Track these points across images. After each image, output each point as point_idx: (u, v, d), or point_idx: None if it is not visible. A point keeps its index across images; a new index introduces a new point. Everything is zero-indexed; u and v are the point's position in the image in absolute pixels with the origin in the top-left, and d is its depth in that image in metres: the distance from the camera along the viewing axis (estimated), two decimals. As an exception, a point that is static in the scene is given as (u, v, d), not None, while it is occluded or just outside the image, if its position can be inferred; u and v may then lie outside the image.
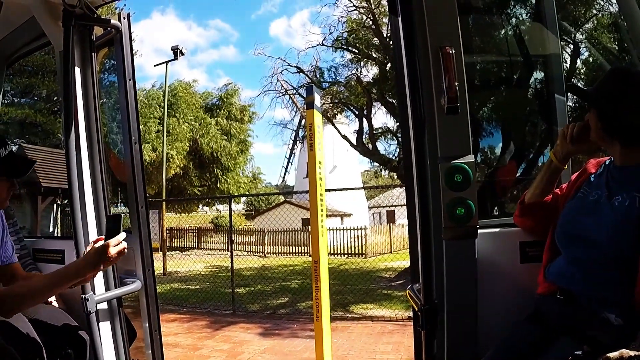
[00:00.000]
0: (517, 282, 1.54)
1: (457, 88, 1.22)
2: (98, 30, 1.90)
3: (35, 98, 12.90)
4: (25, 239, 2.25)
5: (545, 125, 2.22)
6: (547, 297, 1.36)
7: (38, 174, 10.18)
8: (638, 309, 1.16)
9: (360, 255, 15.54)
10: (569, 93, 2.03)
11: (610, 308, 1.19)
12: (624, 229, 1.20)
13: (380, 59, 10.45)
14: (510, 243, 1.57)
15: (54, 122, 11.91)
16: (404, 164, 1.65)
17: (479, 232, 1.30)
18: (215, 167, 20.83)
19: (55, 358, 1.67)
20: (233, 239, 8.87)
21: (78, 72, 1.85)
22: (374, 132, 11.44)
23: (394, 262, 12.24)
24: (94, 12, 1.79)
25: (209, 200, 23.75)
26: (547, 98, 1.98)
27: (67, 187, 1.74)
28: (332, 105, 12.01)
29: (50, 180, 10.50)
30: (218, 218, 25.30)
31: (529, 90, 2.39)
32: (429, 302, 1.35)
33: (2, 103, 2.57)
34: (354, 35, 11.03)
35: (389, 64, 9.85)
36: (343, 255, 15.80)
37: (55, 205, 11.89)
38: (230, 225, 8.42)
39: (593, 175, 1.40)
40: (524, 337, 1.32)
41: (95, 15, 1.80)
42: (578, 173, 1.47)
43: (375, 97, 10.70)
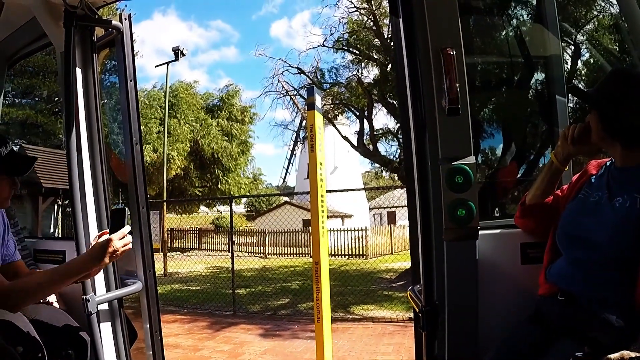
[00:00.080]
0: (518, 283, 1.54)
1: (458, 89, 1.22)
2: (99, 31, 1.90)
3: (36, 99, 12.94)
4: (26, 240, 2.25)
5: (546, 127, 2.22)
6: (547, 298, 1.36)
7: (39, 175, 10.21)
8: (638, 310, 1.16)
9: (361, 257, 15.54)
10: (570, 94, 2.03)
11: (611, 309, 1.19)
12: (625, 230, 1.20)
13: (381, 60, 10.44)
14: (511, 244, 1.57)
15: (55, 122, 11.94)
16: (405, 165, 1.65)
17: (480, 233, 1.30)
18: (216, 168, 20.82)
19: (56, 359, 1.66)
20: (234, 240, 8.87)
21: (79, 72, 1.84)
22: (375, 133, 11.43)
23: (395, 263, 12.27)
24: (95, 13, 1.79)
25: (210, 201, 23.76)
26: (548, 99, 1.98)
27: (68, 187, 1.74)
28: (333, 106, 12.01)
29: (51, 181, 10.53)
30: (219, 219, 25.34)
31: (530, 92, 2.39)
32: (430, 303, 1.34)
33: (3, 104, 2.56)
34: (355, 37, 11.03)
35: (390, 65, 9.84)
36: (344, 256, 15.81)
37: (56, 206, 11.91)
38: (231, 226, 8.43)
39: (594, 177, 1.40)
40: (525, 337, 1.32)
41: (97, 16, 1.80)
42: (579, 174, 1.47)
43: (376, 98, 10.69)
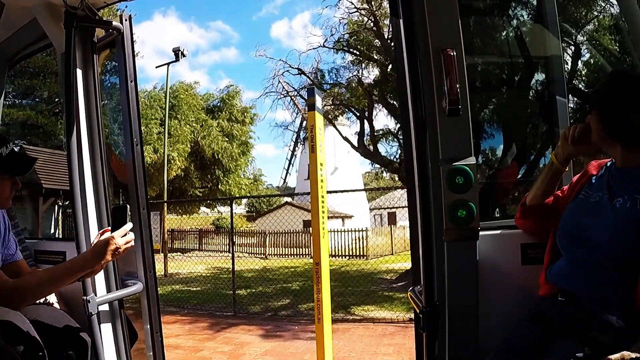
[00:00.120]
0: (518, 284, 1.54)
1: (458, 90, 1.22)
2: (100, 32, 1.90)
3: (37, 99, 12.94)
4: (27, 241, 2.25)
5: (547, 127, 2.22)
6: (548, 299, 1.36)
7: (39, 175, 10.21)
8: (638, 310, 1.16)
9: (362, 257, 15.53)
10: (570, 95, 2.03)
11: (611, 309, 1.19)
12: (625, 230, 1.20)
13: (382, 61, 10.44)
14: (512, 245, 1.57)
15: (56, 123, 11.94)
16: (405, 166, 1.65)
17: (480, 234, 1.30)
18: (217, 168, 20.80)
19: (57, 359, 1.67)
20: (234, 241, 8.87)
21: (80, 73, 1.85)
22: (375, 133, 11.42)
23: (395, 263, 12.27)
24: (96, 14, 1.79)
25: (210, 202, 23.75)
26: (548, 100, 1.98)
27: (68, 188, 1.74)
28: (333, 107, 12.00)
29: (52, 182, 10.53)
30: (219, 219, 25.33)
31: (530, 92, 2.39)
32: (431, 304, 1.34)
33: (3, 104, 2.57)
34: (355, 37, 11.02)
35: (390, 66, 9.83)
36: (344, 257, 15.81)
37: (57, 207, 11.91)
38: (232, 227, 8.46)
39: (594, 177, 1.40)
40: (525, 336, 1.32)
41: (97, 17, 1.80)
42: (579, 175, 1.47)
43: (377, 98, 10.68)
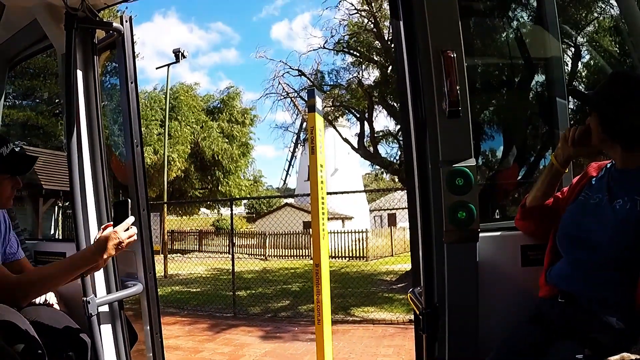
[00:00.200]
0: (518, 285, 1.54)
1: (458, 91, 1.22)
2: (100, 33, 1.90)
3: (37, 100, 12.93)
4: (27, 242, 2.25)
5: (547, 129, 2.22)
6: (548, 300, 1.36)
7: (39, 176, 10.20)
8: (639, 311, 1.16)
9: (362, 258, 15.52)
10: (570, 96, 2.03)
11: (611, 310, 1.20)
12: (625, 231, 1.21)
13: (382, 62, 10.44)
14: (512, 246, 1.57)
15: (56, 124, 11.94)
16: (405, 167, 1.66)
17: (480, 235, 1.30)
18: (217, 169, 20.79)
19: (56, 361, 1.66)
20: (234, 242, 8.87)
21: (80, 74, 1.85)
22: (375, 135, 11.41)
23: (395, 265, 12.26)
24: (96, 15, 1.79)
25: (210, 203, 23.75)
26: (548, 101, 1.98)
27: (68, 189, 1.74)
28: (333, 108, 12.00)
29: (52, 183, 10.51)
30: (219, 221, 25.33)
31: (530, 94, 2.39)
32: (430, 305, 1.34)
33: (3, 105, 2.57)
34: (356, 39, 11.02)
35: (390, 67, 9.84)
36: (344, 258, 15.78)
37: (57, 208, 11.90)
38: (232, 228, 8.45)
39: (594, 179, 1.40)
40: (525, 338, 1.32)
41: (98, 19, 1.81)
42: (579, 176, 1.47)
43: (377, 100, 10.68)
